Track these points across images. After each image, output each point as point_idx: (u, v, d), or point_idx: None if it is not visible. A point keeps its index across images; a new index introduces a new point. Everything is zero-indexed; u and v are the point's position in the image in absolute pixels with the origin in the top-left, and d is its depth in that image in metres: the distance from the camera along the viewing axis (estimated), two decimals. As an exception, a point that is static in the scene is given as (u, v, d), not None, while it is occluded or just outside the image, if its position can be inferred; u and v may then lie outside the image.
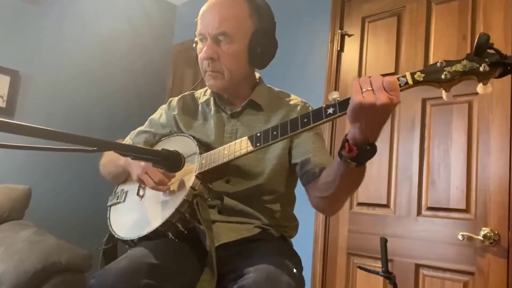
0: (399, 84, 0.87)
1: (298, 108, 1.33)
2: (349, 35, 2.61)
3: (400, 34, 2.39)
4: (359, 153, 0.93)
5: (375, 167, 2.32)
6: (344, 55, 2.61)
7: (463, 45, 2.12)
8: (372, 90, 0.85)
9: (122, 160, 1.32)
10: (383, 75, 0.89)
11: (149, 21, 3.68)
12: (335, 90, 2.59)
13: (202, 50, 1.26)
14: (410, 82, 0.88)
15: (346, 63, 2.60)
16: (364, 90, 0.85)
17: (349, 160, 0.96)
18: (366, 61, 2.52)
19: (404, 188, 2.22)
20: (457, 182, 2.02)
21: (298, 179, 1.31)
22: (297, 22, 2.85)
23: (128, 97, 3.51)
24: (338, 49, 2.62)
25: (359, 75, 2.52)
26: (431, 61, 2.23)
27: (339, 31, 2.62)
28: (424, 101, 2.21)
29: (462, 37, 2.14)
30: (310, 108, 1.34)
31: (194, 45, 1.31)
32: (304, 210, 1.44)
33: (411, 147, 2.23)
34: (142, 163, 1.20)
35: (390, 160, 2.30)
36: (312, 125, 0.99)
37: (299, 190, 1.34)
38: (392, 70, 2.38)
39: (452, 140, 2.07)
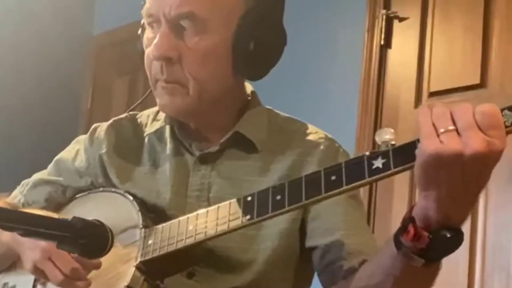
0: (504, 123, 0.86)
1: (321, 149, 1.34)
2: (401, 19, 2.63)
3: (489, 18, 2.41)
4: (433, 243, 0.92)
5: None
6: (391, 53, 2.63)
7: None
8: (456, 129, 0.85)
9: (5, 236, 1.31)
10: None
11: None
12: (377, 116, 2.58)
13: (151, 42, 1.26)
14: None
15: (395, 68, 2.60)
16: (442, 130, 0.85)
17: (413, 255, 0.95)
18: (430, 64, 2.54)
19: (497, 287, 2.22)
20: None
21: (316, 274, 1.31)
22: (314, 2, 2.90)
23: (18, 123, 3.49)
24: (382, 42, 2.65)
25: (418, 88, 2.54)
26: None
27: (383, 11, 2.65)
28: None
29: None
30: (340, 150, 1.36)
31: (139, 31, 1.32)
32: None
33: (509, 216, 2.23)
34: (42, 243, 1.20)
35: (472, 239, 2.28)
36: (344, 187, 1.00)
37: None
38: (477, 81, 2.39)
39: None
